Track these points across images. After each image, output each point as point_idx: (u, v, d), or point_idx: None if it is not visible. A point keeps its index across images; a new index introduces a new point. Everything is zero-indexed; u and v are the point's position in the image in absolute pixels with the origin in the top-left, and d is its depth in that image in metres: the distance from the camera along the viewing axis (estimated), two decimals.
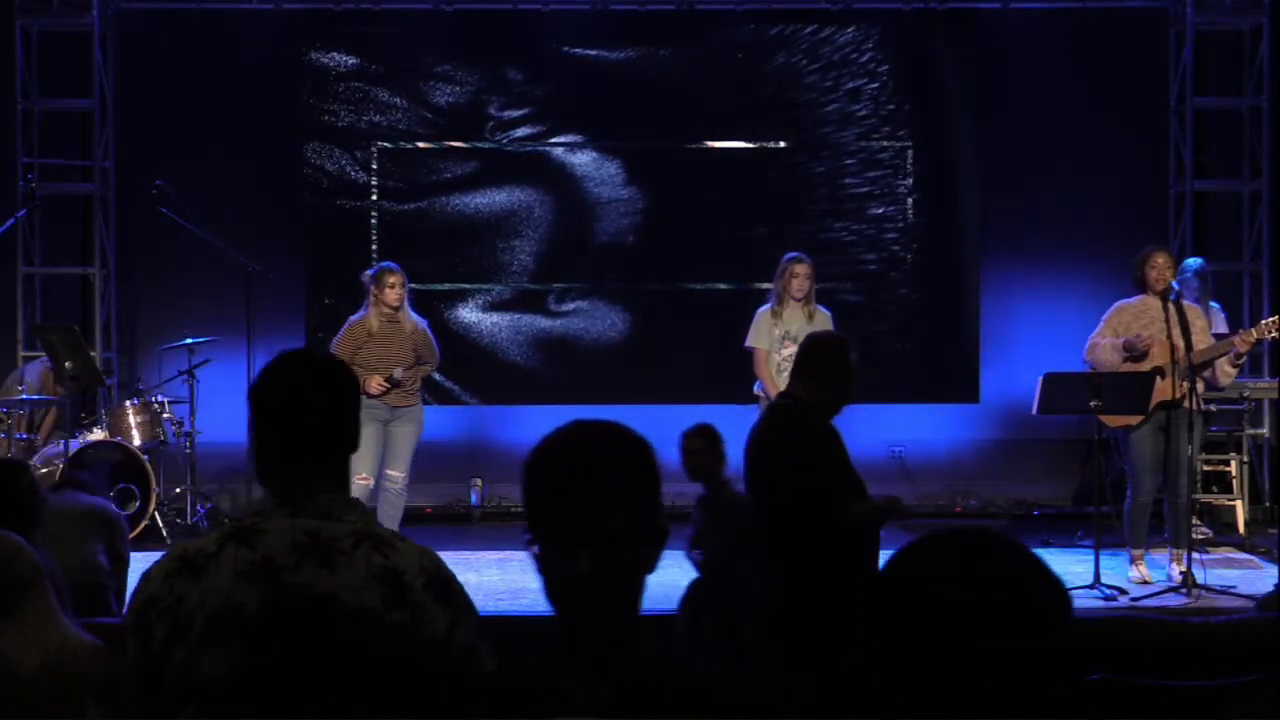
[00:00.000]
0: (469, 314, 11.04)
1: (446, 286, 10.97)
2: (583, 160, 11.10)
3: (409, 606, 2.32)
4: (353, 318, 8.42)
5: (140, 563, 3.17)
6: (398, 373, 8.15)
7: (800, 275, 8.35)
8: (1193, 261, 9.15)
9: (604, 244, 11.08)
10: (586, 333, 11.10)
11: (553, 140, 11.08)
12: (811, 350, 5.30)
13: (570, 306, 11.10)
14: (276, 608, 2.31)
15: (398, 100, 11.00)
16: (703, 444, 5.88)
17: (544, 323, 11.10)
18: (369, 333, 8.26)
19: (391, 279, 8.25)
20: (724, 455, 5.84)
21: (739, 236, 10.93)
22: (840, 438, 5.21)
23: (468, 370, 10.90)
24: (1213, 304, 9.13)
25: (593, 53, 11.05)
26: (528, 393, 10.98)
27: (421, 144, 11.03)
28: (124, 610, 2.53)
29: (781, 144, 11.06)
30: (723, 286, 10.98)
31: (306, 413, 2.47)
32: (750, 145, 11.07)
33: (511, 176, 11.06)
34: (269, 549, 2.35)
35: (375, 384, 8.10)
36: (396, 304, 8.25)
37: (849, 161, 11.07)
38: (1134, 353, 7.61)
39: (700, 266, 11.01)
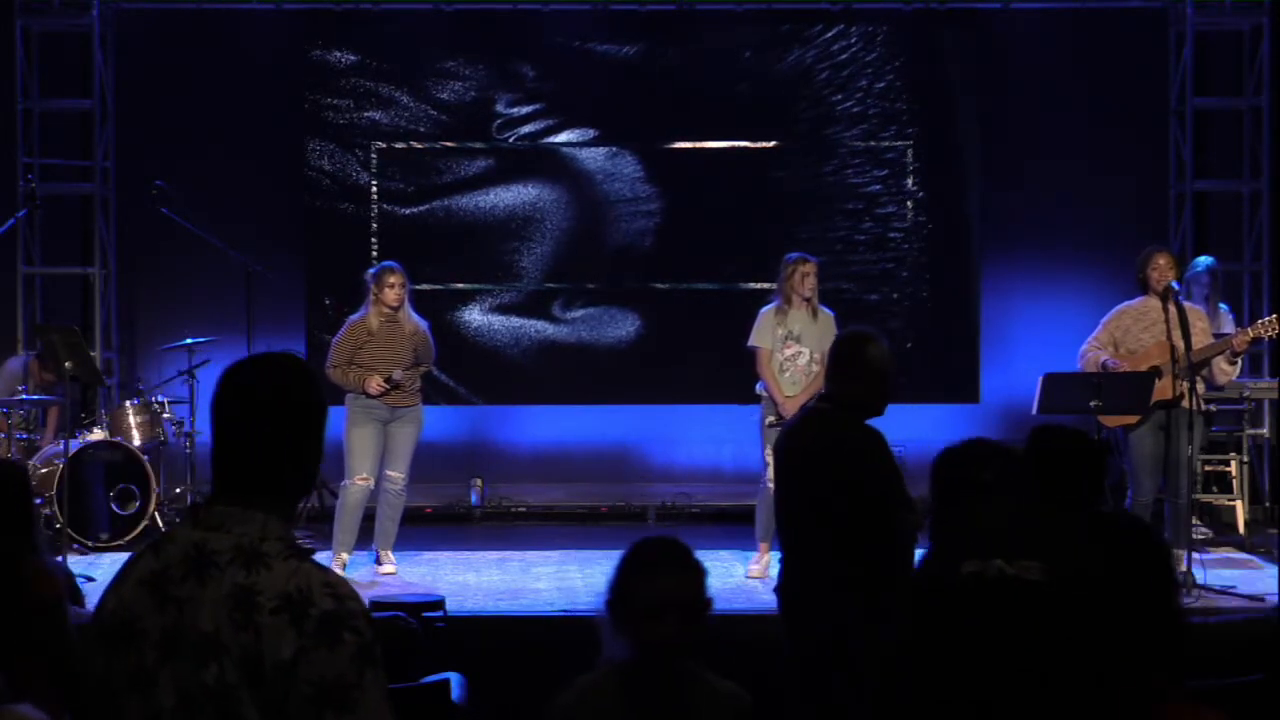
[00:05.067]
0: (470, 314, 11.03)
1: (446, 287, 10.96)
2: (587, 159, 11.10)
3: (253, 628, 2.25)
4: (352, 317, 8.39)
5: None
6: (397, 374, 8.13)
7: (809, 274, 8.24)
8: (1204, 260, 9.13)
9: (608, 244, 11.07)
10: (589, 332, 11.08)
11: (558, 138, 11.07)
12: (843, 349, 4.95)
13: (574, 306, 11.08)
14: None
15: (400, 98, 10.99)
16: (692, 593, 3.18)
17: (547, 322, 11.08)
18: (369, 332, 8.23)
19: (391, 279, 8.22)
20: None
21: (744, 236, 10.92)
22: (887, 442, 4.84)
23: (470, 370, 10.89)
24: (1221, 305, 9.11)
25: (598, 49, 11.05)
26: (530, 393, 10.98)
27: (417, 143, 11.02)
28: None
29: (785, 144, 11.05)
30: (728, 286, 10.96)
31: (231, 427, 2.43)
32: (754, 145, 11.06)
33: (515, 175, 11.05)
34: (169, 558, 2.35)
35: (375, 384, 8.08)
36: (396, 304, 8.21)
37: (855, 160, 11.07)
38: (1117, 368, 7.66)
39: (705, 266, 11.00)
